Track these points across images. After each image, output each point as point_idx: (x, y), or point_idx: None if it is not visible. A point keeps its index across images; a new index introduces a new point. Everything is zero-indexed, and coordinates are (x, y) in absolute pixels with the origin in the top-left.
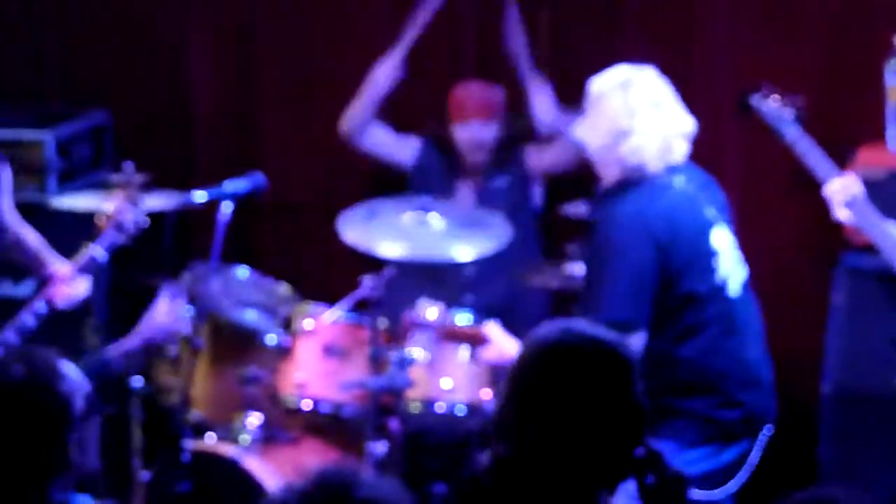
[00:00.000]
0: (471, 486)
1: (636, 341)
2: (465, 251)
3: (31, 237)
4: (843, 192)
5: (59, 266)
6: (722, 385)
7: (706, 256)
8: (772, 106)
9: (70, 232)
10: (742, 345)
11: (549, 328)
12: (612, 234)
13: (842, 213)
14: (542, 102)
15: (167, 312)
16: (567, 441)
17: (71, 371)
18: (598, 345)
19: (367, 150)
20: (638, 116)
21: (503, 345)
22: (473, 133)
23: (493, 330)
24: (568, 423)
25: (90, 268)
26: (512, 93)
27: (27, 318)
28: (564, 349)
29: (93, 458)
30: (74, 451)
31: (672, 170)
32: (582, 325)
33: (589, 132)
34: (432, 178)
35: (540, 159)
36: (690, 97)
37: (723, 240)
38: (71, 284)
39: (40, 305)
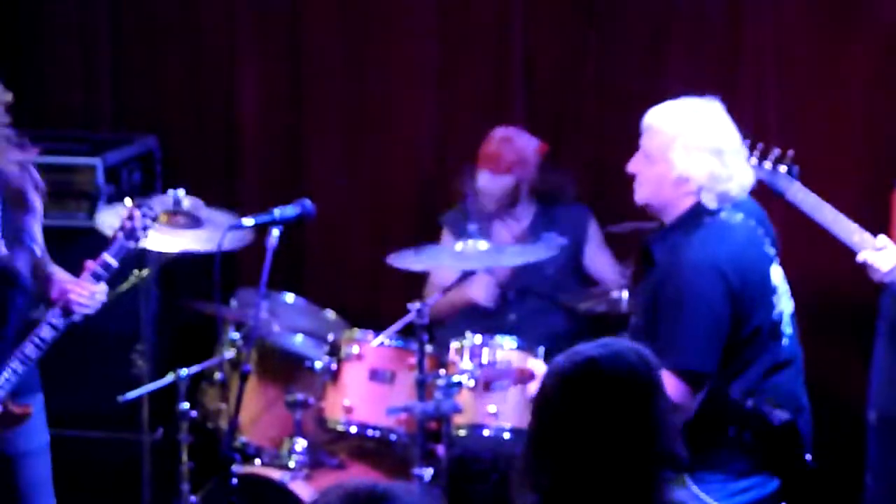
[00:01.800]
0: None
1: (701, 391)
2: (513, 258)
3: (59, 272)
4: (881, 261)
5: (69, 279)
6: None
7: (769, 294)
8: (762, 165)
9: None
10: (791, 376)
11: (566, 355)
12: (687, 280)
13: (882, 277)
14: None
15: None
16: (595, 466)
17: None
18: (621, 367)
19: None
20: (726, 140)
21: None
22: (481, 181)
23: (537, 366)
24: (594, 448)
25: (101, 275)
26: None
27: (44, 331)
28: (584, 376)
29: None
30: None
31: (734, 206)
32: (605, 347)
33: (683, 156)
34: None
35: (599, 258)
36: (736, 120)
37: (778, 275)
38: (84, 290)
39: (55, 315)
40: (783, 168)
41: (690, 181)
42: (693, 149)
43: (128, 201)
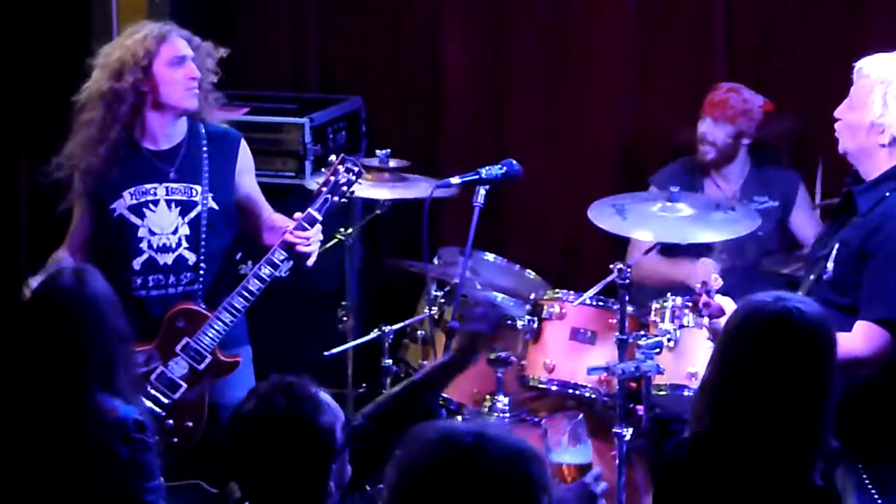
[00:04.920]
0: (668, 466)
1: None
2: (710, 235)
3: (279, 219)
4: None
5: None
6: None
7: None
8: None
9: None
10: None
11: (761, 296)
12: None
13: None
14: None
15: None
16: (768, 410)
17: (330, 402)
18: (810, 316)
19: None
20: None
21: None
22: (702, 128)
23: (726, 302)
24: (771, 391)
25: (310, 223)
26: None
27: (252, 284)
28: (776, 317)
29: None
30: (336, 479)
31: None
32: (794, 297)
33: (881, 103)
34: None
35: (806, 222)
36: None
37: None
38: (302, 233)
39: (278, 254)
40: None
41: (884, 130)
42: (892, 97)
43: (332, 157)
